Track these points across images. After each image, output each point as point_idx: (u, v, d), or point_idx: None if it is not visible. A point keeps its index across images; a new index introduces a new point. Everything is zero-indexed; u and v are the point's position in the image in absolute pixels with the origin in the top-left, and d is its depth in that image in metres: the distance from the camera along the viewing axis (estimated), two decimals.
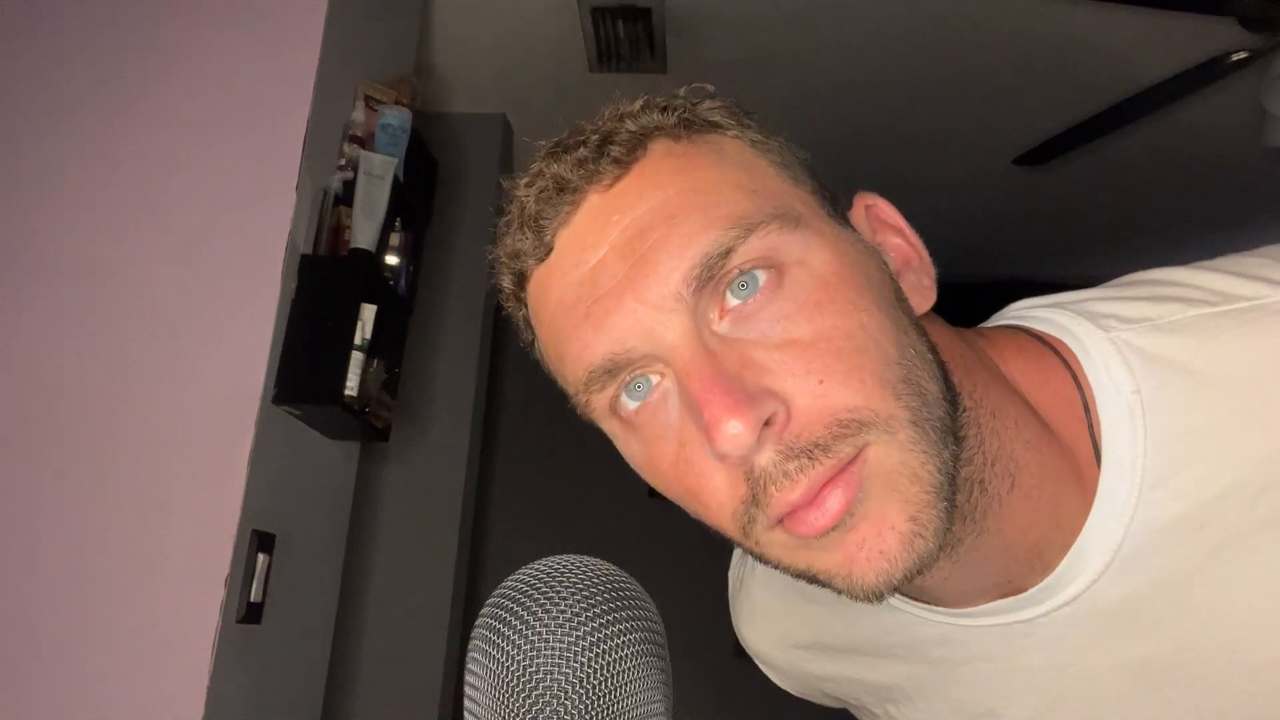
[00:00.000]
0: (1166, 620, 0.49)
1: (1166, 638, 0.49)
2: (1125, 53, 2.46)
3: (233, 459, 1.39)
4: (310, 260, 1.53)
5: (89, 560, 1.37)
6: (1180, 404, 0.47)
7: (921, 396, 0.44)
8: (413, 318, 1.84)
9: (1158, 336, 0.49)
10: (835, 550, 0.43)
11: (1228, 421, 0.46)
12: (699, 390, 0.43)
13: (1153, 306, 0.50)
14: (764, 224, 0.44)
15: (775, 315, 0.44)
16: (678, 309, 0.44)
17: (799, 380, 0.43)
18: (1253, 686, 0.48)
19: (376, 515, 2.51)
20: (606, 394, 0.47)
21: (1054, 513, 0.49)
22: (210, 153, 1.55)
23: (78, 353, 1.46)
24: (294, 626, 1.57)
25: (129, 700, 1.31)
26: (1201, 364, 0.47)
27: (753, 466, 0.43)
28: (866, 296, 0.45)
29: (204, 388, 1.43)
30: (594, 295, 0.45)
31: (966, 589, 0.52)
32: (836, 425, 0.42)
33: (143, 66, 1.60)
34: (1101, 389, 0.49)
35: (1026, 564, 0.50)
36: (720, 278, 0.44)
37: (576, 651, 0.48)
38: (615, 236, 0.45)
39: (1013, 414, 0.49)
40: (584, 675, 0.48)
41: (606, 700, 0.48)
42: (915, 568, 0.43)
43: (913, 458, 0.43)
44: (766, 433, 0.42)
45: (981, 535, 0.48)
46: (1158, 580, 0.48)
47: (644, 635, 0.50)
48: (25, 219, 1.53)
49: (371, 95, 1.70)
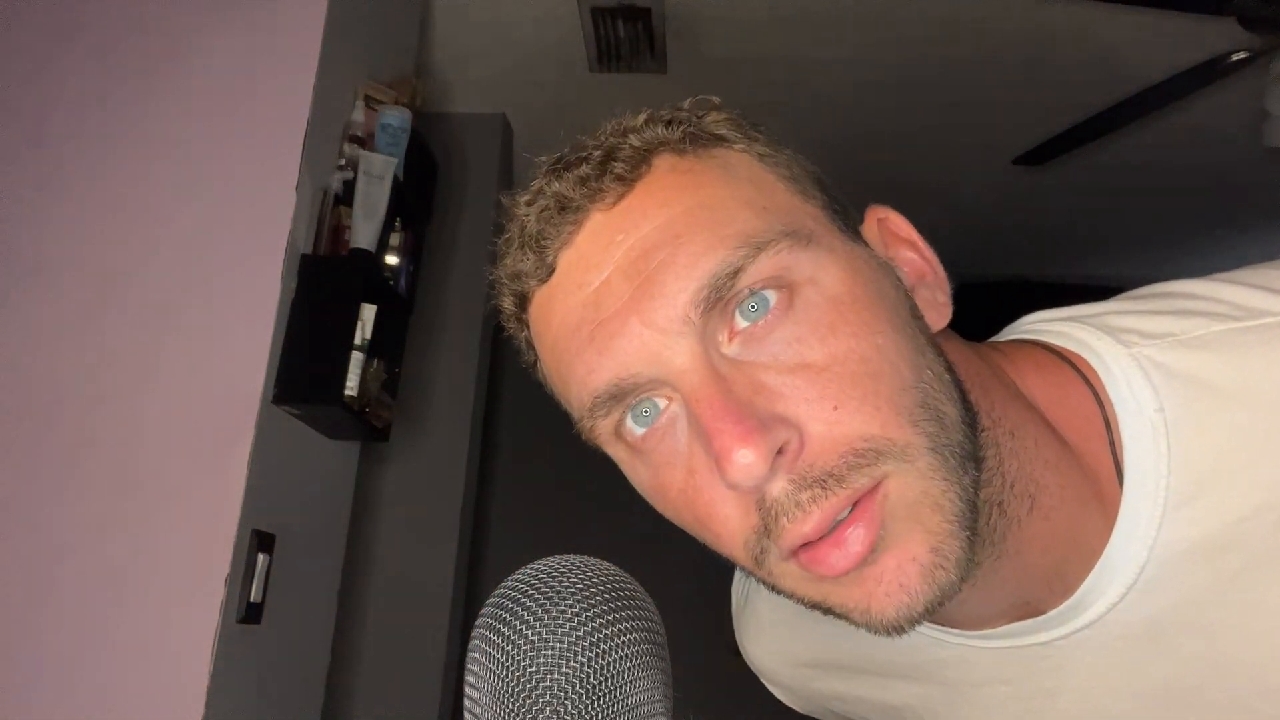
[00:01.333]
0: (1188, 643, 0.47)
1: (1188, 661, 0.48)
2: (1126, 53, 2.45)
3: (233, 459, 1.39)
4: (310, 260, 1.53)
5: (89, 560, 1.37)
6: (1206, 422, 0.46)
7: (940, 421, 0.43)
8: (413, 318, 1.84)
9: (1181, 352, 0.47)
10: (854, 586, 0.42)
11: (1255, 441, 0.45)
12: (709, 418, 0.41)
13: (1175, 321, 0.48)
14: (774, 242, 0.43)
15: (787, 338, 0.43)
16: (685, 332, 0.42)
17: (812, 406, 0.41)
18: (1275, 710, 0.47)
19: (376, 515, 2.51)
20: (611, 419, 0.45)
21: (1074, 533, 0.48)
22: (210, 153, 1.55)
23: (78, 353, 1.46)
24: (294, 626, 1.57)
25: (129, 700, 1.31)
26: (1227, 381, 0.45)
27: (764, 496, 0.41)
28: (881, 316, 0.44)
29: (204, 388, 1.43)
30: (598, 318, 0.44)
31: (984, 611, 0.51)
32: (852, 454, 0.41)
33: (142, 66, 1.60)
34: (1124, 406, 0.47)
35: (1046, 585, 0.49)
36: (729, 299, 0.43)
37: (576, 652, 0.48)
38: (619, 257, 0.44)
39: (1032, 432, 0.48)
40: (584, 675, 0.48)
41: (606, 700, 0.48)
42: (937, 600, 0.41)
43: (934, 486, 0.42)
44: (779, 461, 0.41)
45: (1000, 558, 0.47)
46: (1180, 603, 0.47)
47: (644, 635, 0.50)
48: (24, 219, 1.53)
49: (371, 95, 1.70)
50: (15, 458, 1.42)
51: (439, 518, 2.54)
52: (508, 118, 2.88)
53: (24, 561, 1.37)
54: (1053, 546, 0.48)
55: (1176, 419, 0.46)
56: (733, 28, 2.47)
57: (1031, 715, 0.53)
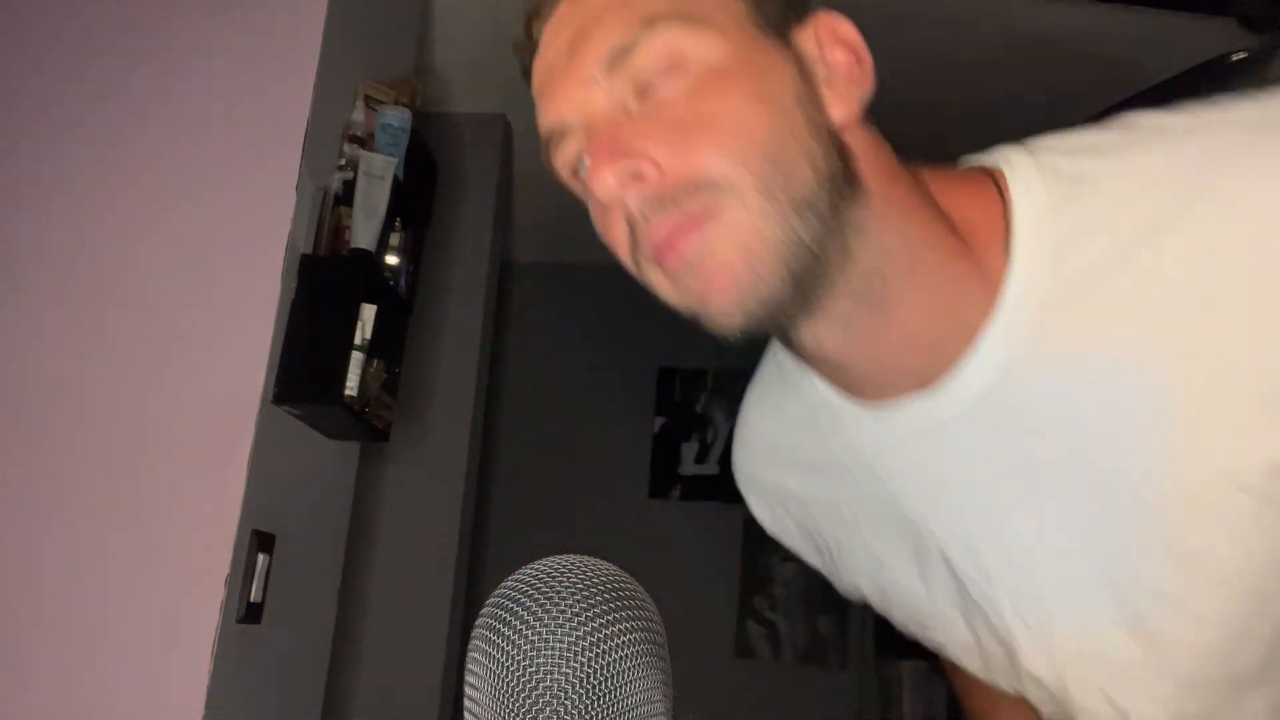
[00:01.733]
0: (1064, 419, 0.55)
1: (1065, 436, 0.56)
2: (1125, 53, 2.46)
3: (233, 459, 1.39)
4: (310, 260, 1.53)
5: (89, 560, 1.37)
6: (1080, 212, 0.55)
7: (785, 175, 0.53)
8: (413, 318, 1.84)
9: (1076, 158, 0.57)
10: (693, 282, 0.54)
11: (1115, 222, 0.54)
12: (590, 148, 0.55)
13: (1090, 136, 0.58)
14: (666, 22, 0.54)
15: (667, 97, 0.54)
16: (593, 89, 0.56)
17: (670, 148, 0.53)
18: (1138, 489, 0.54)
19: (376, 515, 2.51)
20: (563, 156, 0.59)
21: (956, 311, 0.57)
22: (210, 153, 1.55)
23: (78, 352, 1.46)
24: (294, 626, 1.57)
25: (129, 700, 1.31)
26: (1102, 178, 0.55)
27: (629, 211, 0.54)
28: (749, 89, 0.54)
29: (204, 388, 1.43)
30: (548, 77, 0.59)
31: (879, 377, 0.61)
32: (692, 185, 0.53)
33: (142, 66, 1.60)
34: (1019, 203, 0.57)
35: (931, 355, 0.58)
36: (627, 65, 0.55)
37: (576, 652, 0.48)
38: (567, 33, 0.58)
39: (921, 218, 0.58)
40: (584, 675, 0.48)
41: (606, 700, 0.48)
42: (758, 306, 0.53)
43: (760, 220, 0.52)
44: (638, 185, 0.53)
45: (885, 321, 0.57)
46: (1057, 378, 0.55)
47: (644, 635, 0.50)
48: (24, 220, 1.53)
49: (371, 95, 1.70)
50: (15, 457, 1.42)
51: (439, 518, 2.54)
52: (508, 118, 2.88)
53: (24, 561, 1.37)
54: (936, 320, 0.57)
55: (1056, 209, 0.56)
56: None
57: (933, 498, 0.63)
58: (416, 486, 2.55)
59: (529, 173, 3.19)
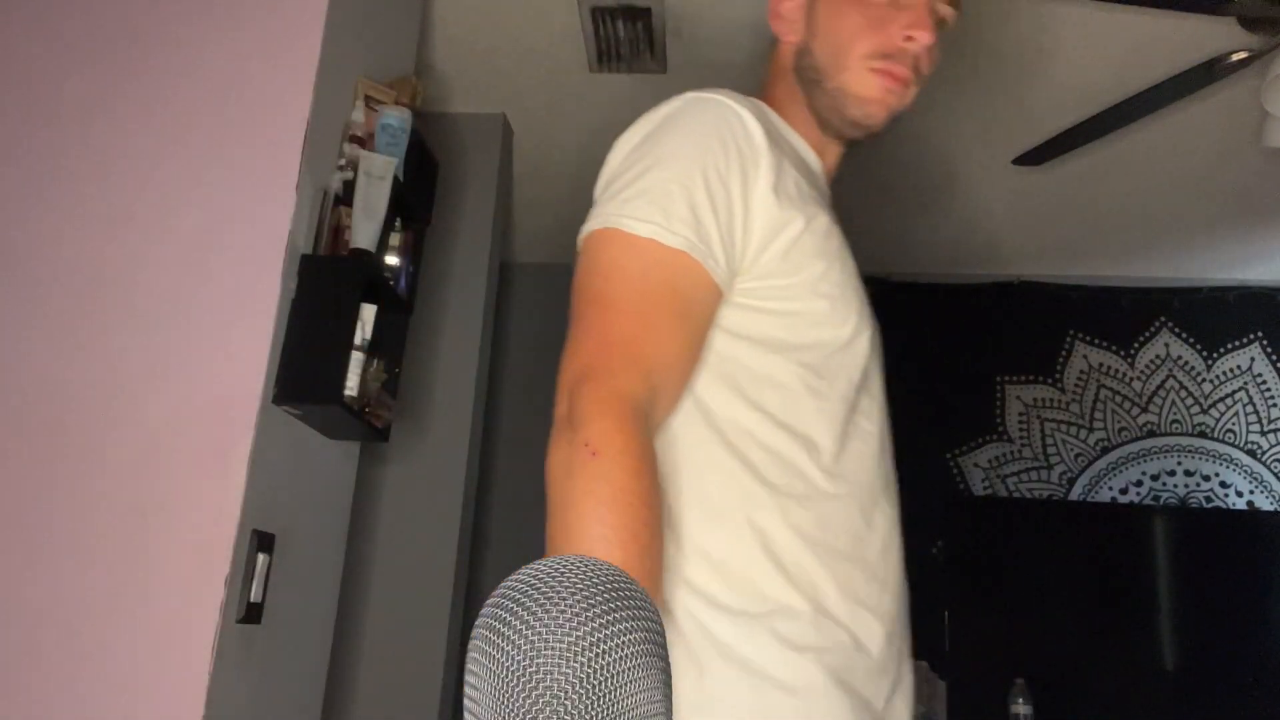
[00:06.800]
0: None
1: None
2: (1125, 53, 2.46)
3: (233, 459, 1.39)
4: (310, 260, 1.53)
5: (89, 560, 1.37)
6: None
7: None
8: (413, 318, 1.84)
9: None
10: (890, 96, 1.00)
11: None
12: (928, 23, 0.98)
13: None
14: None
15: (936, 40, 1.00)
16: (939, 4, 1.02)
17: (932, 57, 1.03)
18: None
19: (376, 515, 2.51)
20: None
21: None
22: (210, 153, 1.55)
23: (77, 353, 1.46)
24: (294, 626, 1.57)
25: (129, 700, 1.31)
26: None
27: (908, 51, 0.99)
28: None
29: (204, 388, 1.43)
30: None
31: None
32: (920, 75, 1.02)
33: (142, 66, 1.60)
34: None
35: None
36: (944, 10, 1.03)
37: (577, 652, 0.48)
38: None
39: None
40: (584, 675, 0.48)
41: (607, 700, 0.48)
42: (891, 120, 1.02)
43: (914, 95, 1.04)
44: (926, 55, 1.02)
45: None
46: None
47: (644, 635, 0.50)
48: (23, 219, 1.53)
49: (371, 95, 1.70)
50: (14, 457, 1.42)
51: (439, 518, 2.54)
52: (508, 118, 2.88)
53: (24, 561, 1.37)
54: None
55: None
56: (733, 28, 2.47)
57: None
58: (416, 486, 2.55)
59: (529, 173, 3.19)
